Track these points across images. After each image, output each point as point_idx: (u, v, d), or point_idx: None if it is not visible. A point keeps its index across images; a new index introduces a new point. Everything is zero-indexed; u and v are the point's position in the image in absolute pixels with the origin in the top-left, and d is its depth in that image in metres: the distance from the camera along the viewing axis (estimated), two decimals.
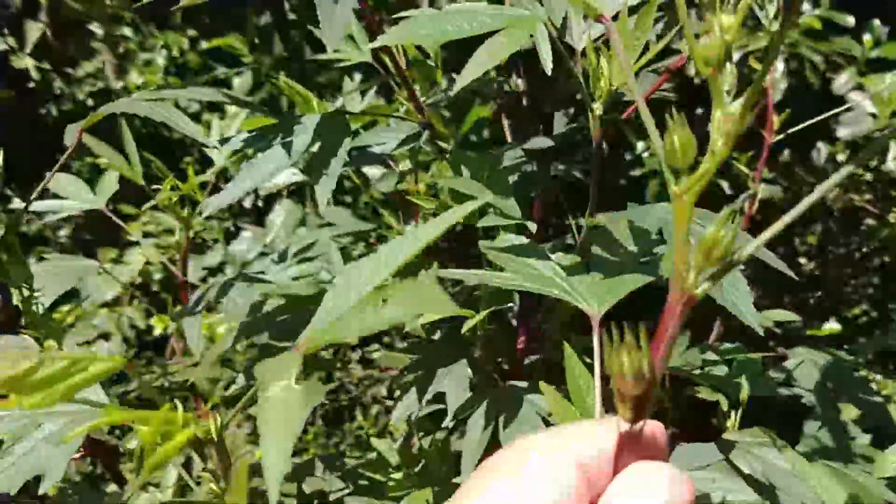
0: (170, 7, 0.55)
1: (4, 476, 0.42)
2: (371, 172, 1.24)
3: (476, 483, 0.29)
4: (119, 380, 1.87)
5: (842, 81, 1.61)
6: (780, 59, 1.46)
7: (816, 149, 1.75)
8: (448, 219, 0.29)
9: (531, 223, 0.44)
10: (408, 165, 0.75)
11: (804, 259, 1.89)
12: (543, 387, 0.43)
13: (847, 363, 0.70)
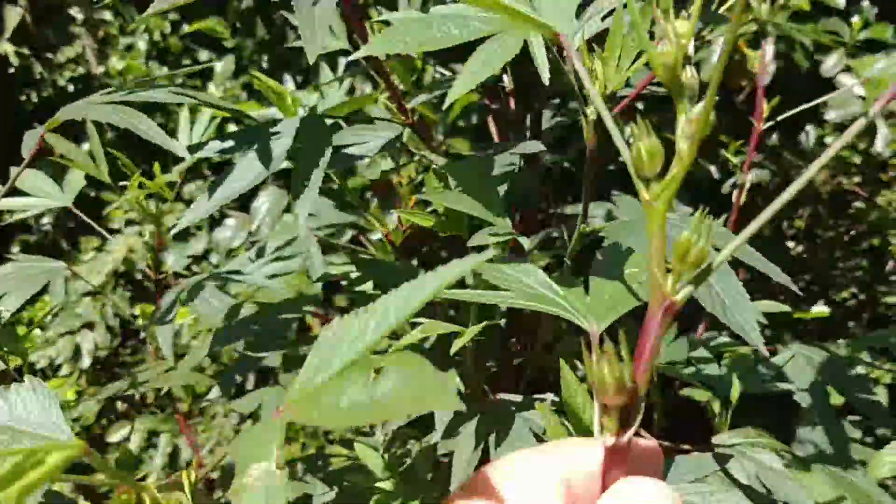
0: None
1: None
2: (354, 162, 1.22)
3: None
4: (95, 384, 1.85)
5: (830, 64, 1.59)
6: (770, 43, 1.44)
7: (805, 132, 1.74)
8: (446, 277, 0.27)
9: (522, 238, 0.42)
10: (389, 164, 0.72)
11: (792, 242, 1.88)
12: (539, 406, 0.42)
13: (842, 359, 0.69)
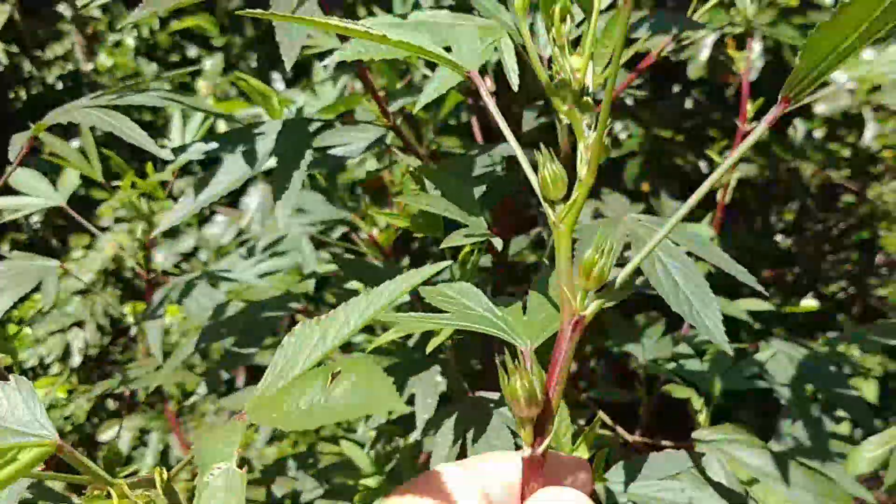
0: None
1: None
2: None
3: None
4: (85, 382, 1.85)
5: None
6: (757, 40, 1.45)
7: (793, 125, 1.75)
8: (401, 286, 0.28)
9: (497, 240, 0.43)
10: (375, 165, 0.73)
11: (781, 236, 1.89)
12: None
13: (822, 356, 0.70)
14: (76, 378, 1.85)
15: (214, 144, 0.54)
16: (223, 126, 0.96)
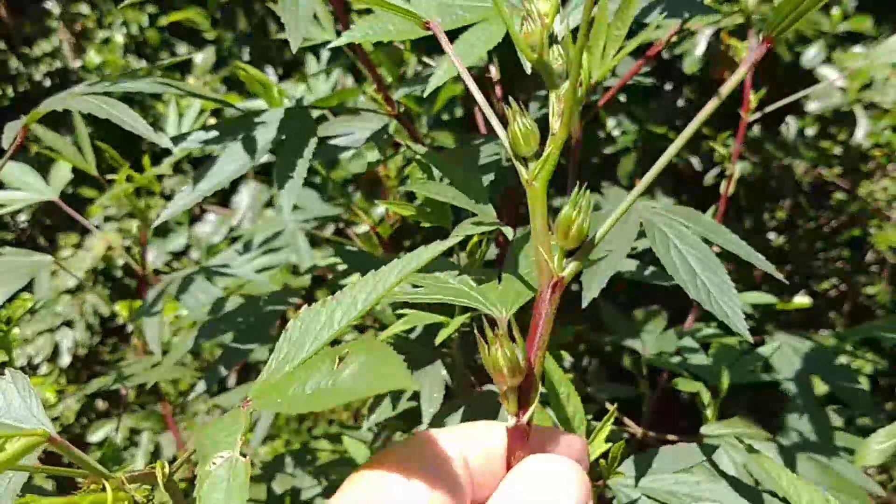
0: None
1: None
2: (341, 155, 1.21)
3: (363, 476, 0.29)
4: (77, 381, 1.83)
5: (811, 55, 1.60)
6: (752, 35, 1.45)
7: (786, 123, 1.75)
8: (410, 264, 0.27)
9: (507, 228, 0.42)
10: (376, 156, 0.72)
11: (773, 234, 1.90)
12: None
13: (827, 349, 0.69)
14: (65, 378, 1.83)
15: (215, 133, 0.53)
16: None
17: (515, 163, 0.31)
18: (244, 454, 0.24)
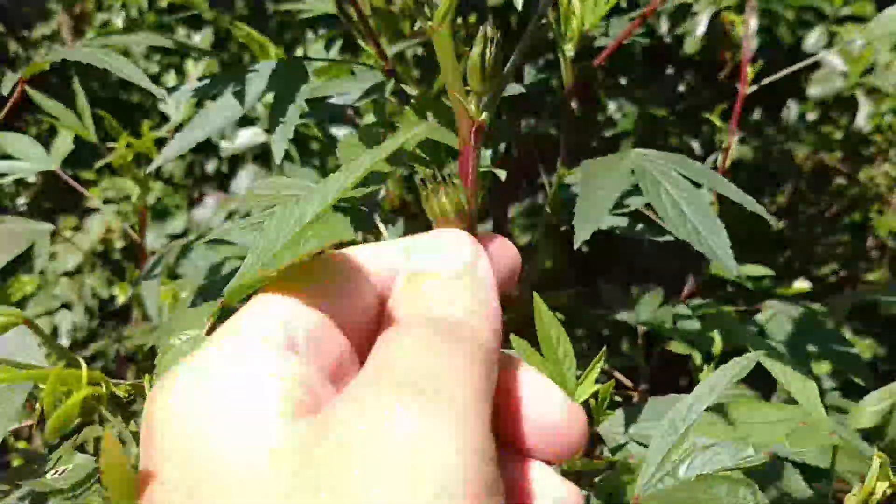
0: None
1: None
2: (339, 134, 1.21)
3: (263, 297, 0.27)
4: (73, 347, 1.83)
5: (813, 39, 1.60)
6: (754, 16, 1.45)
7: (787, 107, 1.75)
8: (386, 147, 0.27)
9: (500, 171, 0.42)
10: (372, 118, 0.72)
11: (773, 218, 1.89)
12: (514, 338, 0.42)
13: (820, 315, 0.70)
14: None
15: (207, 83, 0.53)
16: None
17: (420, 21, 0.30)
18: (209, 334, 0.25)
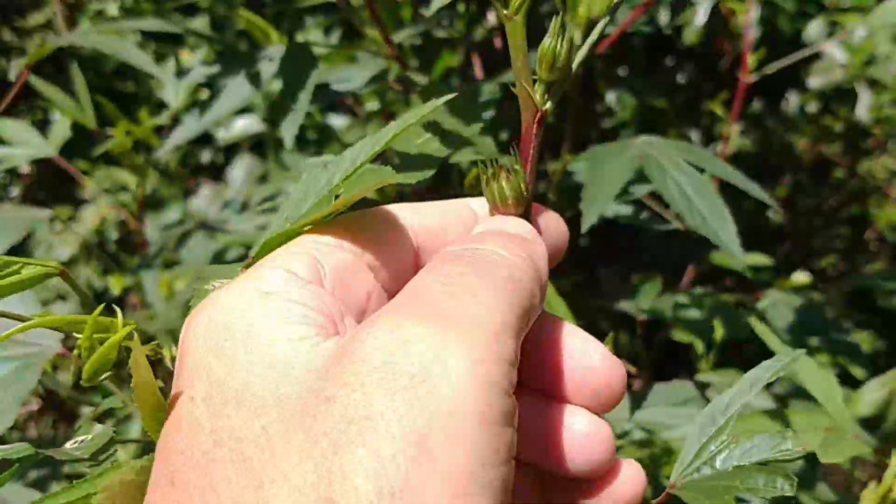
0: None
1: None
2: (336, 123, 1.21)
3: (302, 239, 0.28)
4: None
5: (813, 30, 1.60)
6: (755, 4, 1.44)
7: (786, 99, 1.75)
8: (405, 120, 0.27)
9: (505, 158, 0.42)
10: (375, 106, 0.72)
11: (773, 211, 1.90)
12: None
13: (819, 303, 0.70)
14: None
15: (218, 67, 0.53)
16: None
17: (495, 4, 0.31)
18: None
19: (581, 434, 0.29)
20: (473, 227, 0.31)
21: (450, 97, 0.27)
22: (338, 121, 1.19)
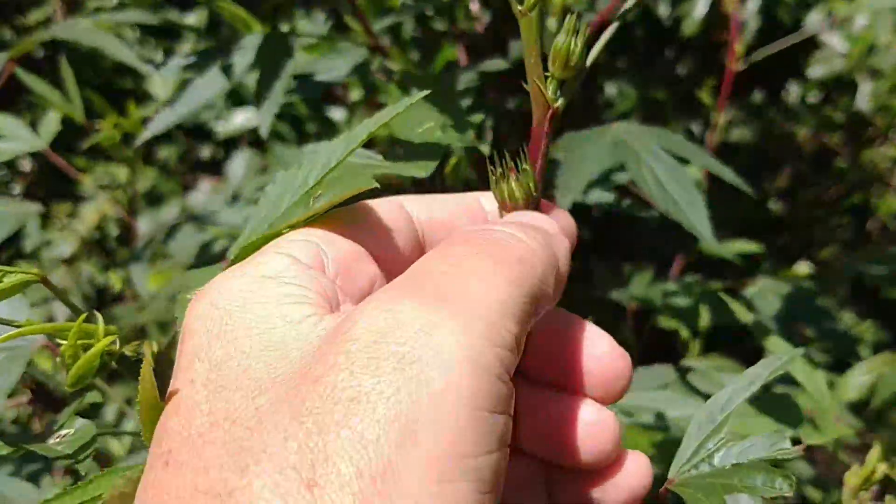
0: None
1: None
2: (336, 116, 1.21)
3: (304, 231, 0.28)
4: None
5: (813, 20, 1.59)
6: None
7: (787, 89, 1.75)
8: (380, 118, 0.28)
9: (484, 146, 0.42)
10: (359, 95, 0.72)
11: (773, 202, 1.89)
12: None
13: (808, 290, 0.70)
14: None
15: (194, 59, 0.53)
16: None
17: (511, 1, 0.30)
18: None
19: (588, 423, 0.29)
20: (482, 222, 0.31)
21: (424, 94, 0.27)
22: (337, 114, 1.20)
